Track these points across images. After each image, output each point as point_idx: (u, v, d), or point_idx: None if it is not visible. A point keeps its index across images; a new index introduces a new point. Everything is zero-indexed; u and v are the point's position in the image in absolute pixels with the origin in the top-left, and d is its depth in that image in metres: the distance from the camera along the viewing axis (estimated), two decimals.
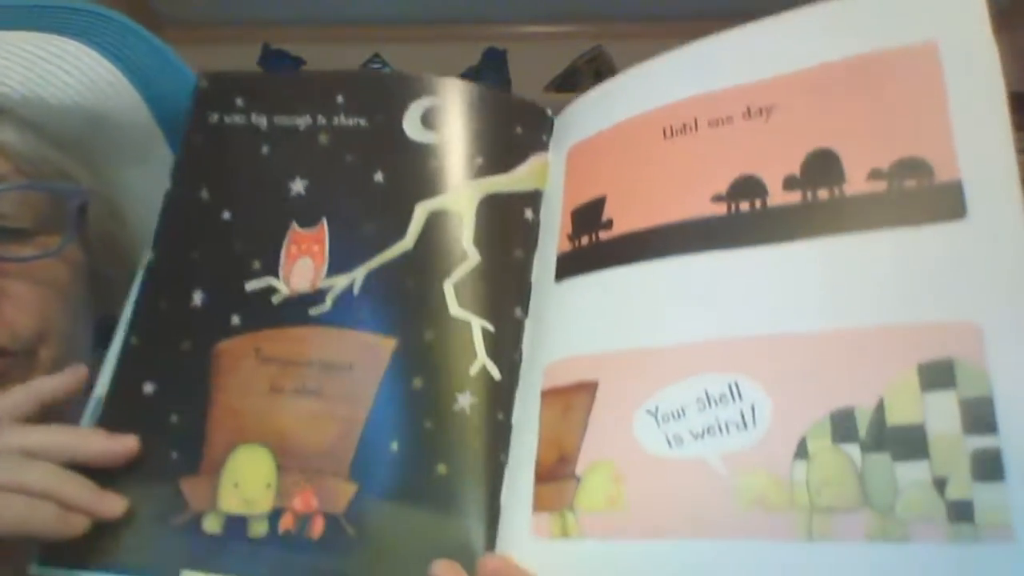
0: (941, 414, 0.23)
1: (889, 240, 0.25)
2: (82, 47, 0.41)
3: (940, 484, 0.23)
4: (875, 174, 0.26)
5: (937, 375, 0.24)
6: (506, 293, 0.32)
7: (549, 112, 0.36)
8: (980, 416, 0.23)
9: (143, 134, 0.43)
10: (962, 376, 0.23)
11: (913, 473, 0.23)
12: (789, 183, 0.27)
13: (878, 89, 0.27)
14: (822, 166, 0.27)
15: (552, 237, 0.33)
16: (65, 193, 0.40)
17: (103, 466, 0.32)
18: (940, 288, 0.24)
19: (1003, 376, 0.23)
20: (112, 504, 0.31)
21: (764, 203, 0.28)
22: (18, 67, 0.40)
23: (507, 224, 0.33)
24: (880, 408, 0.24)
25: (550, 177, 0.34)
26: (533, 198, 0.34)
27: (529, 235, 0.34)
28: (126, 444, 0.32)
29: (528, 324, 0.32)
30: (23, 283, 0.39)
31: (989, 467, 0.22)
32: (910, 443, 0.23)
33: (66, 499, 0.30)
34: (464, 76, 2.57)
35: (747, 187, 0.28)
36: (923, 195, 0.25)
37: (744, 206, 0.28)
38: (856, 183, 0.26)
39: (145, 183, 0.44)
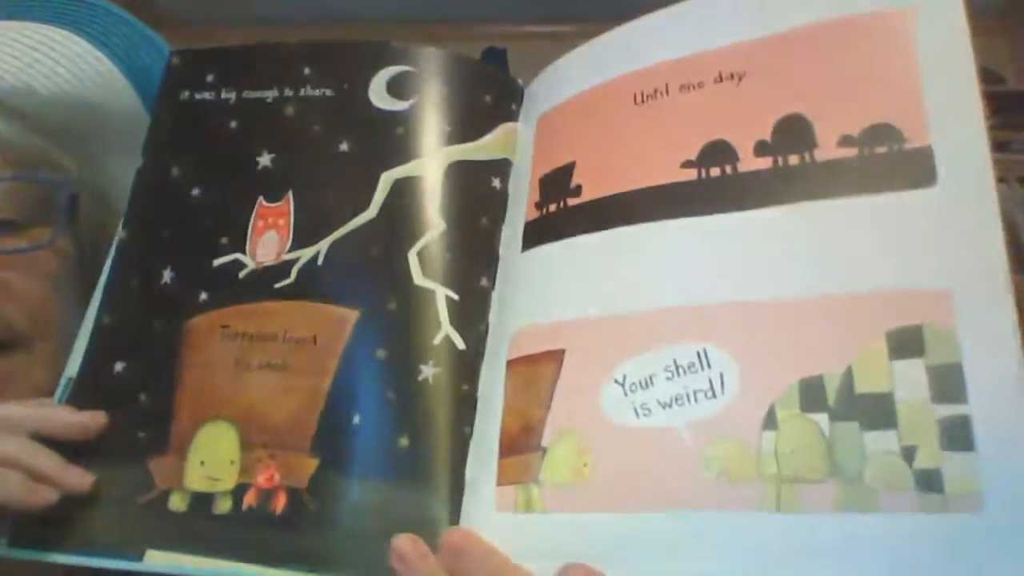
0: (909, 382, 0.23)
1: (859, 207, 0.25)
2: (71, 36, 0.41)
3: (908, 453, 0.23)
4: (846, 140, 0.26)
5: (905, 342, 0.23)
6: (472, 262, 0.32)
7: (520, 82, 0.35)
8: (949, 384, 0.22)
9: (133, 122, 0.43)
10: (931, 343, 0.23)
11: (881, 442, 0.23)
12: (760, 148, 0.27)
13: (850, 54, 0.27)
14: (793, 131, 0.27)
15: (520, 207, 0.32)
16: (55, 184, 0.40)
17: (70, 440, 0.31)
18: (910, 255, 0.24)
19: (973, 342, 0.22)
20: (78, 477, 0.31)
21: (735, 169, 0.27)
22: (7, 56, 0.39)
23: (474, 192, 0.33)
24: (848, 376, 0.24)
25: (519, 146, 0.34)
26: (501, 167, 0.34)
27: (496, 204, 0.33)
28: (92, 418, 0.32)
29: (495, 294, 0.32)
30: (16, 275, 0.38)
31: (958, 436, 0.22)
32: (878, 412, 0.23)
33: (33, 468, 0.30)
34: None
35: (718, 152, 0.28)
36: (893, 161, 0.25)
37: (715, 172, 0.28)
38: (827, 149, 0.26)
39: (132, 170, 0.43)
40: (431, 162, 0.33)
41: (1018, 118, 2.37)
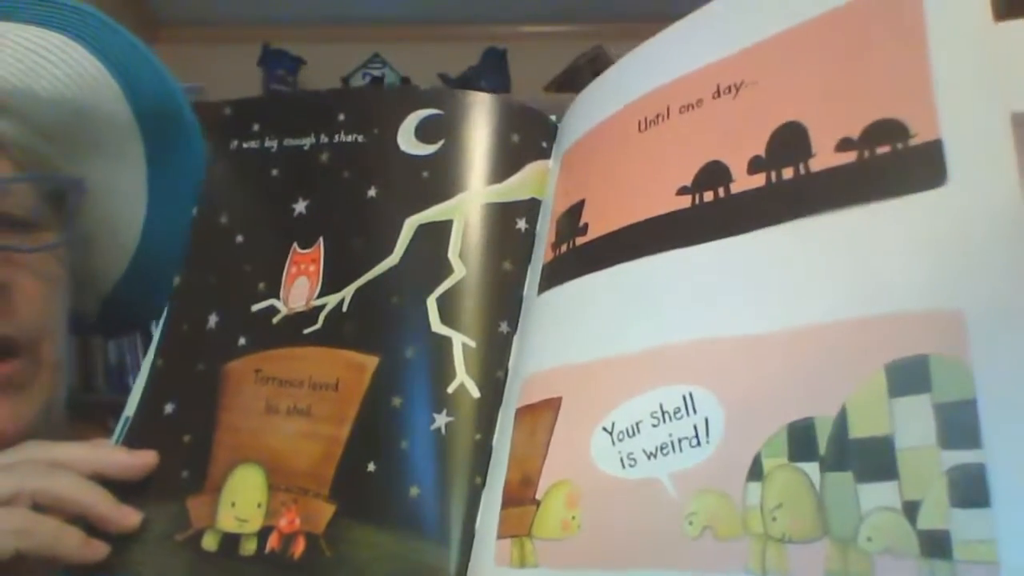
0: (913, 424, 0.19)
1: (857, 219, 0.22)
2: (68, 41, 0.41)
3: (911, 510, 0.19)
4: (844, 144, 0.22)
5: (908, 376, 0.19)
6: (492, 307, 0.31)
7: (553, 118, 0.34)
8: (960, 425, 0.18)
9: (122, 129, 0.44)
10: (939, 376, 0.19)
11: (879, 496, 0.19)
12: (754, 165, 0.24)
13: (852, 45, 0.23)
14: (788, 142, 0.24)
15: (543, 247, 0.31)
16: (67, 185, 0.41)
17: (123, 479, 0.33)
18: (915, 271, 0.20)
19: (989, 375, 0.18)
20: (130, 516, 0.32)
21: (728, 191, 0.25)
22: (9, 58, 0.40)
23: (496, 235, 0.32)
24: (842, 418, 0.20)
25: (549, 185, 0.33)
26: (528, 207, 0.33)
27: (521, 246, 0.32)
28: (145, 459, 0.33)
29: (516, 339, 0.30)
30: (27, 275, 0.39)
31: (971, 489, 0.18)
32: (876, 460, 0.19)
33: (90, 508, 0.32)
34: (464, 76, 2.57)
35: (711, 175, 0.25)
36: (898, 161, 0.21)
37: (708, 196, 0.25)
38: (824, 156, 0.23)
39: (118, 178, 0.45)
40: (454, 206, 0.32)
41: None
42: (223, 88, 1.13)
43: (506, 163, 0.33)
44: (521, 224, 0.32)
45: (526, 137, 0.34)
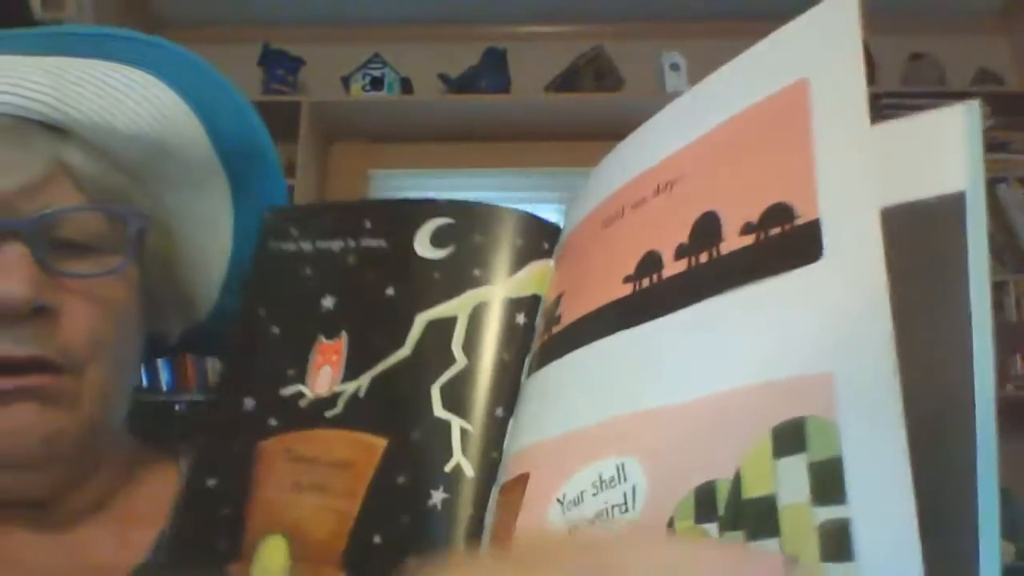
0: (792, 482, 0.21)
1: (753, 295, 0.24)
2: (150, 78, 0.43)
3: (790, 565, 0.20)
4: (746, 228, 0.25)
5: (789, 437, 0.21)
6: (489, 394, 0.34)
7: (556, 222, 0.37)
8: (828, 481, 0.20)
9: (202, 164, 0.46)
10: (812, 435, 0.21)
11: None
12: (679, 251, 0.27)
13: (753, 141, 0.26)
14: (705, 229, 0.26)
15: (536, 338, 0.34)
16: (127, 216, 0.43)
17: None
18: (797, 340, 0.22)
19: (853, 432, 0.20)
20: None
21: (660, 276, 0.27)
22: (89, 94, 0.42)
23: (496, 329, 0.35)
24: (737, 480, 0.22)
25: (548, 282, 0.36)
26: (529, 303, 0.36)
27: (519, 338, 0.35)
28: None
29: (511, 422, 0.33)
30: (80, 300, 0.40)
31: (837, 543, 0.19)
32: (763, 518, 0.21)
33: None
34: (464, 76, 2.57)
35: (648, 264, 0.28)
36: (785, 240, 0.24)
37: (645, 283, 0.28)
38: (731, 240, 0.25)
39: (198, 207, 0.48)
40: (459, 303, 0.36)
41: (1018, 118, 2.07)
42: None
43: (509, 264, 0.36)
44: (520, 318, 0.35)
45: (529, 241, 0.37)
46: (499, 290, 0.36)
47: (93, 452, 0.44)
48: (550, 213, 0.38)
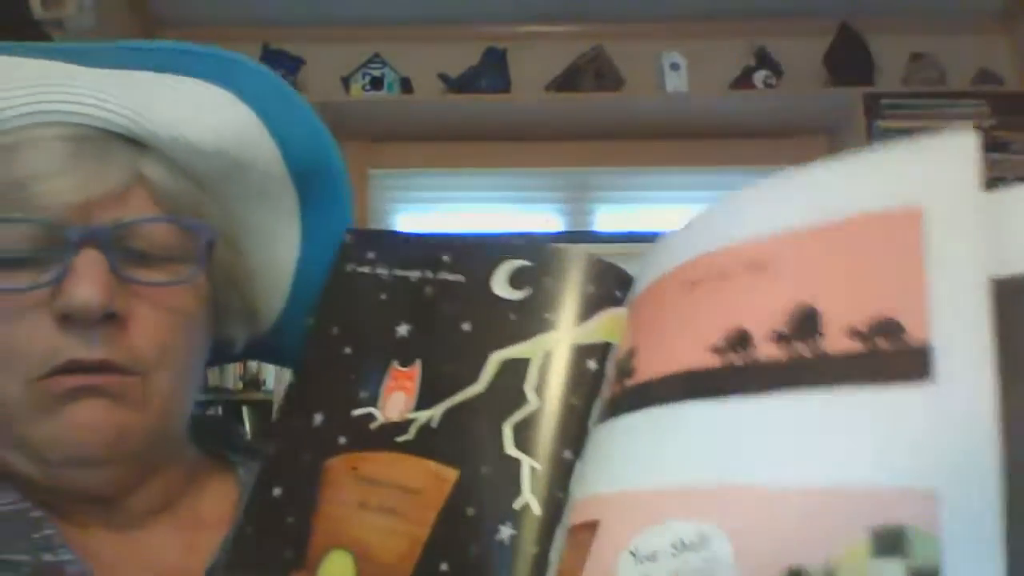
0: None
1: (858, 398, 0.25)
2: (228, 95, 0.45)
3: None
4: (852, 332, 0.26)
5: (889, 540, 0.23)
6: (558, 436, 0.35)
7: (628, 272, 0.39)
8: None
9: (273, 179, 0.47)
10: (915, 543, 0.22)
11: None
12: (775, 336, 0.28)
13: (862, 248, 0.27)
14: (804, 321, 0.27)
15: (608, 386, 0.36)
16: (198, 229, 0.45)
17: None
18: (902, 451, 0.24)
19: (954, 547, 0.22)
20: None
21: (750, 355, 0.28)
22: (169, 109, 0.44)
23: (568, 374, 0.37)
24: (829, 570, 0.23)
25: (621, 330, 0.37)
26: (600, 350, 0.37)
27: (590, 384, 0.36)
28: None
29: (578, 465, 0.35)
30: (149, 308, 0.42)
31: None
32: None
33: None
34: (464, 76, 2.56)
35: (737, 339, 0.29)
36: (895, 356, 0.25)
37: (734, 358, 0.29)
38: (834, 339, 0.26)
39: (267, 223, 0.49)
40: (533, 346, 0.37)
41: (1018, 118, 2.12)
42: None
43: (582, 311, 0.38)
44: (591, 364, 0.37)
45: (602, 288, 0.38)
46: (572, 335, 0.37)
47: (157, 453, 0.46)
48: (550, 213, 0.39)
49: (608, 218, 2.52)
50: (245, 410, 2.30)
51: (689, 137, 2.40)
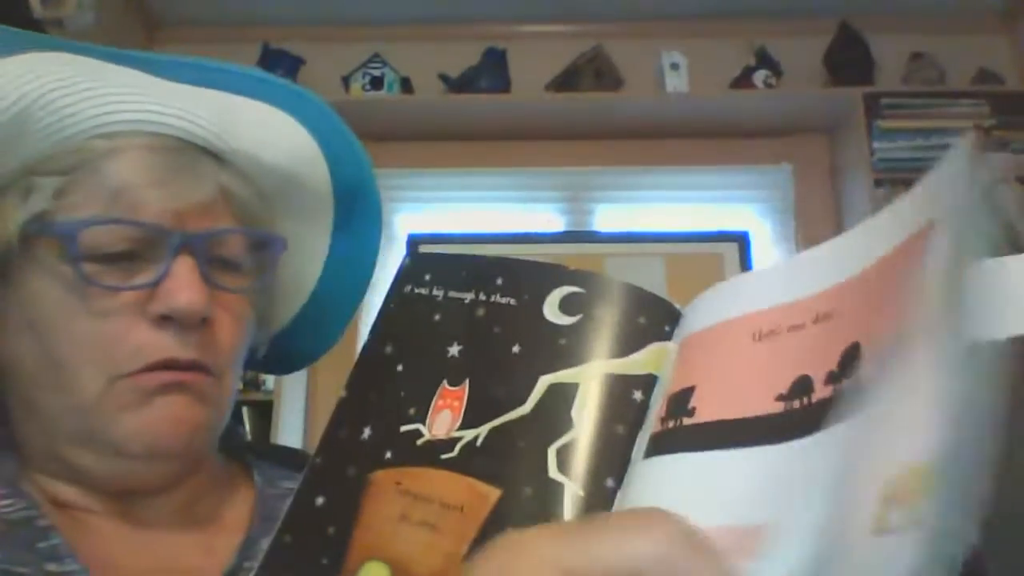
0: None
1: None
2: (291, 120, 0.50)
3: None
4: (875, 360, 0.27)
5: None
6: (602, 463, 0.36)
7: (677, 306, 0.40)
8: None
9: (321, 200, 0.52)
10: None
11: None
12: (829, 378, 0.29)
13: (890, 281, 0.28)
14: (850, 359, 0.29)
15: (653, 418, 0.36)
16: (273, 240, 0.50)
17: None
18: None
19: None
20: None
21: (810, 400, 0.30)
22: (245, 128, 0.48)
23: (614, 403, 0.37)
24: None
25: (667, 364, 0.38)
26: (646, 381, 0.37)
27: (635, 414, 0.37)
28: None
29: (619, 494, 0.35)
30: (225, 313, 0.46)
31: None
32: None
33: None
34: (464, 76, 2.56)
35: (801, 386, 0.30)
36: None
37: (795, 404, 0.30)
38: (866, 370, 0.28)
39: (307, 239, 0.54)
40: (582, 373, 0.38)
41: (1018, 118, 2.16)
42: None
43: (631, 341, 0.38)
44: (637, 395, 0.37)
45: (651, 320, 0.39)
46: (620, 364, 0.38)
47: (205, 451, 0.49)
48: (550, 212, 0.39)
49: (608, 218, 2.52)
50: (245, 410, 2.30)
51: (689, 137, 2.41)
